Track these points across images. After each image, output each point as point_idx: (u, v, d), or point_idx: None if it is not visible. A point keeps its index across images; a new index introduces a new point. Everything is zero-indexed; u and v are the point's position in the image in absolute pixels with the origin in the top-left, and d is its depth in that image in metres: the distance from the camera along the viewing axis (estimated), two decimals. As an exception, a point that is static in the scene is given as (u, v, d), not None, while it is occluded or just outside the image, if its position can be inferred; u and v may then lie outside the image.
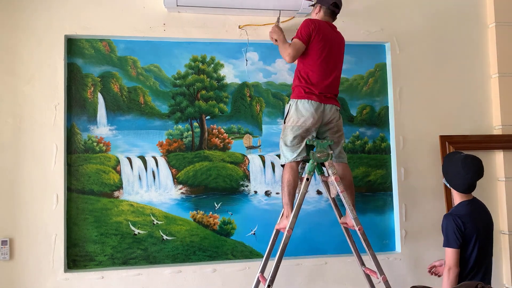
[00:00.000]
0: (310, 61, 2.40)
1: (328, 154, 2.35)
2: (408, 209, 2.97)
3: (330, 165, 2.35)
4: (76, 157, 2.73)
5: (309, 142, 2.39)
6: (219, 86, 2.91)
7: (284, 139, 2.41)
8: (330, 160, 2.36)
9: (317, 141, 2.36)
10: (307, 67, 2.41)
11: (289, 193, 2.36)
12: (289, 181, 2.36)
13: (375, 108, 3.07)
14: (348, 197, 2.34)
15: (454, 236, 2.16)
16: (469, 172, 2.21)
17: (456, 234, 2.16)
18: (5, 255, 2.54)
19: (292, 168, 2.37)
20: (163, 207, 2.79)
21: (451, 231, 2.17)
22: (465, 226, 2.18)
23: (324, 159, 2.35)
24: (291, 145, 2.37)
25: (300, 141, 2.37)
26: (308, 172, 2.35)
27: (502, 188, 3.04)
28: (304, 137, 2.37)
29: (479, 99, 3.12)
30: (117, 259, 2.71)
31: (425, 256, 2.94)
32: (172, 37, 2.83)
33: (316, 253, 2.90)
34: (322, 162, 2.37)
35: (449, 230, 2.19)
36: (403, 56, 3.05)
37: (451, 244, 2.17)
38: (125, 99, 2.81)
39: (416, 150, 3.01)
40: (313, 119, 2.35)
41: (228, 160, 2.89)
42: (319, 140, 2.37)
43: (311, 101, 2.36)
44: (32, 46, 2.67)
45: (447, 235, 2.20)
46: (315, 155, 2.34)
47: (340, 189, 2.33)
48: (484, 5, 3.17)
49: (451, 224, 2.19)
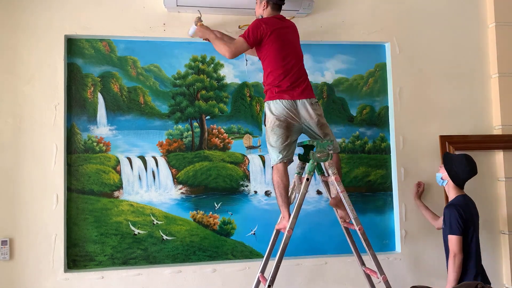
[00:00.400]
0: (272, 61, 2.42)
1: (328, 154, 2.35)
2: (408, 209, 2.97)
3: (330, 165, 2.35)
4: (76, 157, 2.73)
5: (309, 142, 2.40)
6: (219, 86, 2.91)
7: (268, 141, 2.41)
8: (331, 160, 2.36)
9: (317, 141, 2.36)
10: (271, 68, 2.42)
11: (281, 195, 2.36)
12: (277, 183, 2.36)
13: (375, 108, 3.07)
14: (347, 197, 2.35)
15: (457, 224, 2.35)
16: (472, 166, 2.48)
17: (459, 222, 2.35)
18: (5, 255, 2.54)
19: (279, 169, 2.36)
20: (163, 207, 2.79)
21: (455, 219, 2.36)
22: (466, 215, 2.38)
23: (324, 159, 2.35)
24: (275, 145, 2.37)
25: (284, 140, 2.36)
26: (308, 172, 2.36)
27: (502, 188, 3.04)
28: (288, 135, 2.37)
29: (479, 99, 3.12)
30: (117, 259, 2.71)
31: (425, 256, 2.94)
32: (172, 37, 2.83)
33: (316, 253, 2.90)
34: (323, 162, 2.38)
35: (452, 219, 2.37)
36: (403, 56, 3.05)
37: (455, 231, 2.35)
38: (125, 99, 2.81)
39: (416, 150, 3.01)
40: (288, 117, 2.37)
41: (228, 160, 2.89)
42: (318, 140, 2.37)
43: (283, 100, 2.38)
44: (32, 46, 2.67)
45: (450, 223, 2.37)
46: (315, 155, 2.34)
47: (340, 189, 2.33)
48: (484, 5, 3.17)
49: (454, 213, 2.37)
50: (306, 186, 2.33)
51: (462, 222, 2.36)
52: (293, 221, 2.29)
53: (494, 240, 3.05)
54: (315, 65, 3.01)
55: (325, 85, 3.01)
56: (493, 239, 3.04)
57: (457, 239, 2.35)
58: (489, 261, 3.02)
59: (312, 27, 2.95)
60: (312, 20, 2.95)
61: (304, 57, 2.52)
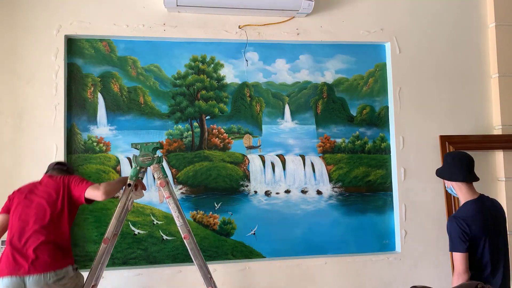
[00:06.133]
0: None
1: (153, 157, 2.24)
2: (408, 209, 2.96)
3: (155, 169, 2.25)
4: (76, 157, 2.73)
5: (132, 145, 2.30)
6: (219, 86, 2.92)
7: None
8: (157, 164, 2.25)
9: (141, 144, 2.26)
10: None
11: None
12: None
13: (375, 108, 3.07)
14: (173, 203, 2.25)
15: (459, 240, 2.04)
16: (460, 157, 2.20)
17: (461, 238, 2.04)
18: (5, 255, 2.54)
19: None
20: (163, 207, 2.79)
21: (456, 235, 2.06)
22: (470, 229, 2.05)
23: (148, 163, 2.25)
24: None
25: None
26: (130, 177, 2.24)
27: (502, 188, 3.04)
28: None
29: (479, 99, 3.12)
30: (117, 259, 2.71)
31: (425, 256, 2.94)
32: (172, 37, 2.83)
33: (316, 253, 2.90)
34: (147, 166, 2.26)
35: (453, 234, 2.08)
36: (403, 56, 3.05)
37: (456, 248, 2.06)
38: (125, 99, 2.81)
39: (416, 150, 3.01)
40: None
41: (228, 160, 2.89)
42: (143, 143, 2.27)
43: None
44: (32, 46, 2.67)
45: (451, 239, 2.09)
46: (138, 159, 2.24)
47: (166, 194, 2.25)
48: (484, 5, 3.17)
49: (455, 228, 2.08)
50: (127, 193, 2.20)
51: (466, 238, 2.04)
52: (110, 229, 2.17)
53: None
54: (315, 65, 3.01)
55: (325, 85, 3.01)
56: (493, 239, 3.04)
57: (460, 257, 2.03)
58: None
59: (312, 27, 2.95)
60: (312, 20, 2.95)
61: (304, 57, 2.50)
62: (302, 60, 3.00)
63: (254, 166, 2.92)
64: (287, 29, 2.92)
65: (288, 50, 2.99)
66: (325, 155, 2.99)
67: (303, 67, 3.00)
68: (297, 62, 2.99)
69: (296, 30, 2.93)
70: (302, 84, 2.99)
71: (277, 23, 2.91)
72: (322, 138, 2.99)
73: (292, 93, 2.98)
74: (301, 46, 2.99)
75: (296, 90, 2.99)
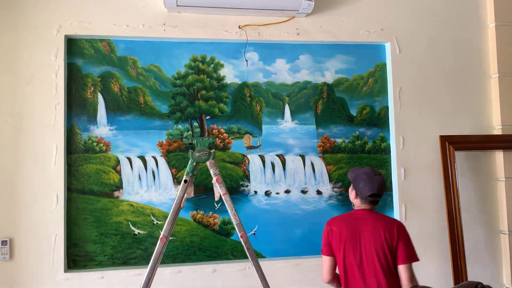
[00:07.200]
0: None
1: (210, 153, 2.20)
2: (408, 209, 2.96)
3: (211, 165, 2.23)
4: (76, 157, 2.73)
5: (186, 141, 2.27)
6: (219, 86, 2.92)
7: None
8: (212, 159, 2.22)
9: (197, 139, 2.22)
10: None
11: None
12: None
13: (375, 108, 3.07)
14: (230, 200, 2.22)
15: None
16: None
17: None
18: (5, 255, 2.54)
19: None
20: (163, 207, 2.79)
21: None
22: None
23: (205, 158, 2.22)
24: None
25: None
26: (186, 173, 2.23)
27: (502, 188, 3.04)
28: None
29: (479, 99, 3.12)
30: (117, 259, 2.71)
31: (425, 256, 2.93)
32: (172, 37, 2.83)
33: (316, 253, 2.90)
34: (203, 161, 2.24)
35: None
36: (403, 56, 3.05)
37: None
38: (125, 99, 2.81)
39: (416, 150, 3.01)
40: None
41: (228, 160, 2.89)
42: (198, 137, 2.24)
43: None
44: (32, 46, 2.67)
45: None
46: (195, 155, 2.21)
47: (223, 191, 2.22)
48: (484, 5, 3.17)
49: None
50: (184, 189, 2.19)
51: None
52: (166, 227, 2.19)
53: (494, 240, 3.05)
54: (315, 65, 3.01)
55: (325, 85, 3.01)
56: (493, 239, 3.04)
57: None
58: (489, 261, 3.03)
59: (312, 27, 2.95)
60: (312, 20, 2.95)
61: (304, 57, 2.51)
62: (302, 60, 3.00)
63: (254, 166, 2.92)
64: (287, 29, 2.92)
65: (288, 50, 2.99)
66: (325, 155, 2.99)
67: (303, 67, 3.00)
68: (297, 62, 2.99)
69: (296, 30, 2.93)
70: (302, 84, 3.00)
71: (277, 23, 2.92)
72: (322, 138, 3.00)
73: (292, 93, 2.98)
74: (301, 46, 3.00)
75: (296, 90, 2.99)
